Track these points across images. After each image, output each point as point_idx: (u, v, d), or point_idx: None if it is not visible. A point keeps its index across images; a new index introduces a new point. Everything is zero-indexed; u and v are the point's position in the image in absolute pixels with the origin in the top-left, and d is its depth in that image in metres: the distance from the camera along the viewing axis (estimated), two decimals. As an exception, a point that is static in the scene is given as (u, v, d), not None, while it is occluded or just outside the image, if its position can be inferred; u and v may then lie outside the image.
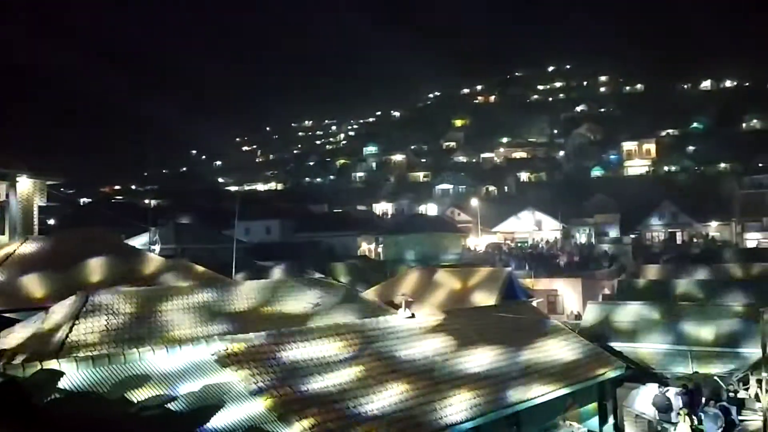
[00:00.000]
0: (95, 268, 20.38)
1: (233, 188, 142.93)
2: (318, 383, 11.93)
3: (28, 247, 20.63)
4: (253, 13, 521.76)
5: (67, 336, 13.12)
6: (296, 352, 12.72)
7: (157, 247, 36.63)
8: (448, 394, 13.54)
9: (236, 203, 42.35)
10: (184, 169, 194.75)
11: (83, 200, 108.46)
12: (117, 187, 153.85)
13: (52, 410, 8.88)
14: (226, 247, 43.65)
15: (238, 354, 11.75)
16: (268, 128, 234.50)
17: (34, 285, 18.82)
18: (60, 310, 14.60)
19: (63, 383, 9.44)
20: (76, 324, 13.54)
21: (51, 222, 58.43)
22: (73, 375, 9.62)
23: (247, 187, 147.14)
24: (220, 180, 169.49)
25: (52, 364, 9.60)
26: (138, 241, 39.84)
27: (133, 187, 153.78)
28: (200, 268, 22.60)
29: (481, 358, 15.78)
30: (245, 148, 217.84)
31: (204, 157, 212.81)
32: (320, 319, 16.73)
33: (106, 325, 14.01)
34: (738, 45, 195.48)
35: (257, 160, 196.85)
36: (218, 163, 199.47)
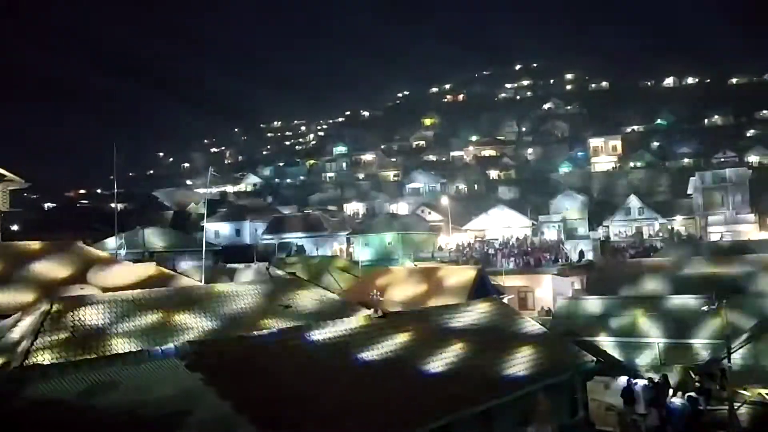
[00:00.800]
0: (61, 275, 19.98)
1: (201, 190, 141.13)
2: (288, 386, 11.85)
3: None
4: (221, 16, 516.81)
5: (32, 344, 12.84)
6: (266, 355, 12.62)
7: (123, 252, 36.03)
8: (419, 393, 13.57)
9: (204, 205, 41.81)
10: (151, 171, 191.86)
11: (48, 205, 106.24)
12: (82, 191, 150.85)
13: (18, 418, 8.68)
14: (195, 250, 43.20)
15: (207, 359, 11.62)
16: (236, 129, 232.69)
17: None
18: (25, 318, 14.28)
19: (29, 391, 9.23)
20: (41, 332, 13.25)
21: (14, 228, 57.07)
22: (39, 383, 9.41)
23: (215, 189, 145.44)
24: (188, 182, 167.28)
25: (16, 373, 9.39)
26: (105, 246, 39.17)
27: (99, 191, 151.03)
28: (168, 272, 22.32)
29: (451, 356, 15.85)
30: (213, 149, 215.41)
31: (171, 159, 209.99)
32: (291, 321, 16.64)
33: (72, 333, 13.74)
34: (699, 42, 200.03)
35: (226, 162, 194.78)
36: (186, 165, 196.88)
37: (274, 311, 17.49)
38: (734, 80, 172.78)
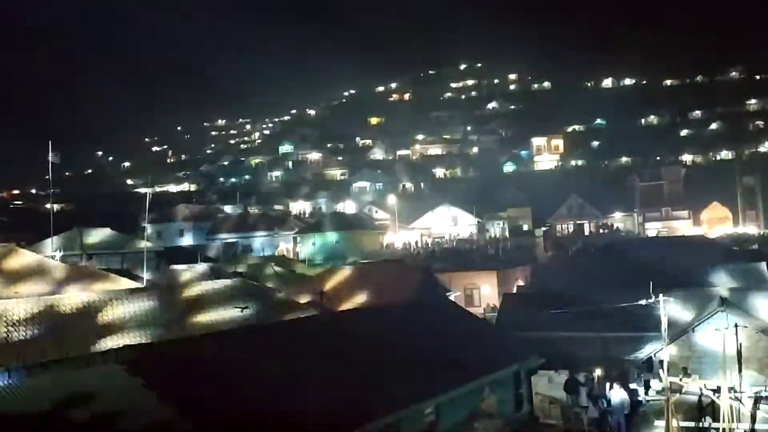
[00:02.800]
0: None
1: (143, 190, 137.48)
2: (231, 388, 11.64)
3: None
4: (162, 12, 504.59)
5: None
6: (208, 357, 12.35)
7: (58, 254, 34.70)
8: (366, 391, 13.55)
9: (146, 206, 40.67)
10: (90, 171, 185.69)
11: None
12: (15, 192, 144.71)
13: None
14: (137, 252, 42.03)
15: (148, 362, 11.30)
16: (179, 128, 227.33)
17: None
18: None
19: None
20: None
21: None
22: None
23: (158, 189, 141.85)
24: (129, 182, 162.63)
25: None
26: (41, 248, 37.65)
27: (33, 191, 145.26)
28: (108, 275, 21.65)
29: (397, 353, 15.89)
30: (155, 148, 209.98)
31: (111, 158, 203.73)
32: (237, 321, 16.37)
33: (6, 338, 13.16)
34: (636, 45, 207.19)
35: (168, 161, 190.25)
36: (126, 164, 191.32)
37: (222, 313, 17.18)
38: (668, 82, 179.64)
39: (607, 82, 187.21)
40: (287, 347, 14.09)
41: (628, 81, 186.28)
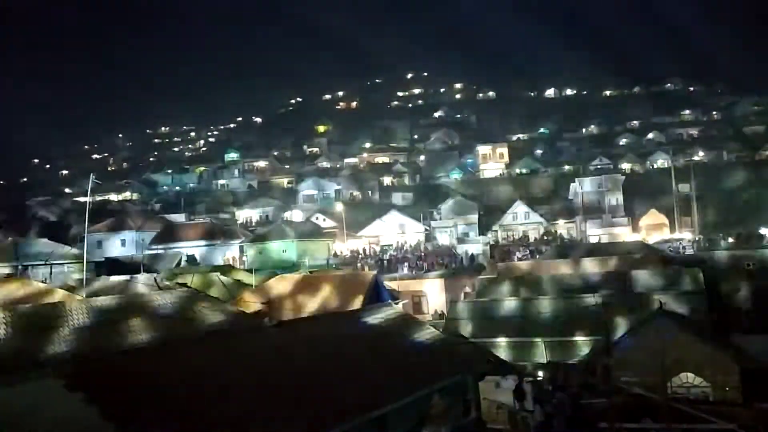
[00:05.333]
0: None
1: (82, 199, 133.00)
2: (178, 402, 11.33)
3: None
4: (102, 15, 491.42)
5: None
6: (153, 370, 11.96)
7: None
8: (311, 402, 13.40)
9: (86, 215, 39.40)
10: (25, 179, 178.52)
11: None
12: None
13: None
14: (75, 262, 40.60)
15: (89, 376, 10.87)
16: (120, 135, 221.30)
17: None
18: None
19: None
20: None
21: None
22: None
23: (97, 198, 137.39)
24: (67, 190, 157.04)
25: None
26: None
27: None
28: (43, 286, 20.81)
29: (345, 362, 15.80)
30: (95, 155, 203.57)
31: (48, 165, 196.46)
32: (183, 331, 15.96)
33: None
34: (577, 56, 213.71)
35: (109, 169, 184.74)
36: (64, 172, 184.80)
37: (165, 322, 16.73)
38: (607, 92, 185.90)
39: (550, 92, 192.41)
40: (234, 358, 13.82)
41: (569, 91, 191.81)
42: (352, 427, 13.43)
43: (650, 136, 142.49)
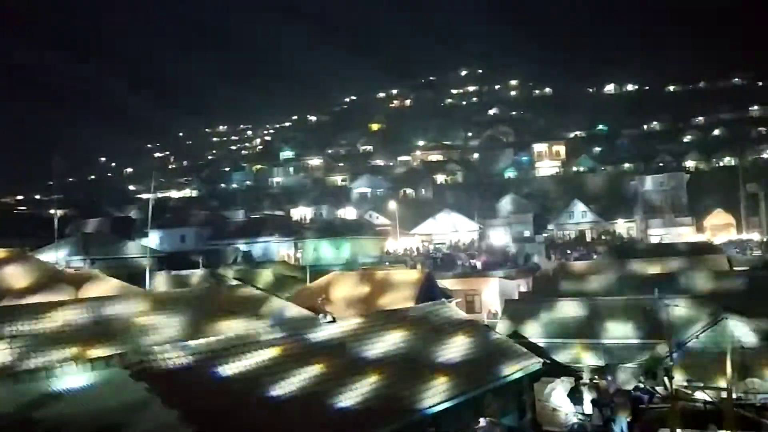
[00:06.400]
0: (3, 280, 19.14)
1: (145, 196, 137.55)
2: (236, 395, 11.61)
3: None
4: (163, 17, 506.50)
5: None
6: (214, 364, 12.29)
7: (64, 259, 34.74)
8: (367, 399, 13.49)
9: (149, 211, 40.73)
10: (92, 176, 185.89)
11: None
12: (19, 197, 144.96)
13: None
14: (139, 256, 42.03)
15: (152, 368, 11.27)
16: (180, 134, 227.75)
17: None
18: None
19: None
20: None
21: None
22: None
23: (159, 195, 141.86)
24: (131, 187, 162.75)
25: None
26: (44, 253, 37.66)
27: (38, 196, 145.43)
28: (112, 279, 21.64)
29: (398, 360, 15.83)
30: (157, 154, 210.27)
31: (114, 164, 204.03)
32: (239, 328, 16.31)
33: (9, 342, 13.14)
34: (639, 51, 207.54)
35: (170, 167, 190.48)
36: (129, 170, 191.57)
37: (224, 318, 17.15)
38: (671, 88, 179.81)
39: (610, 88, 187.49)
40: (289, 353, 14.05)
41: (630, 87, 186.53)
42: (405, 425, 13.47)
43: (716, 132, 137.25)
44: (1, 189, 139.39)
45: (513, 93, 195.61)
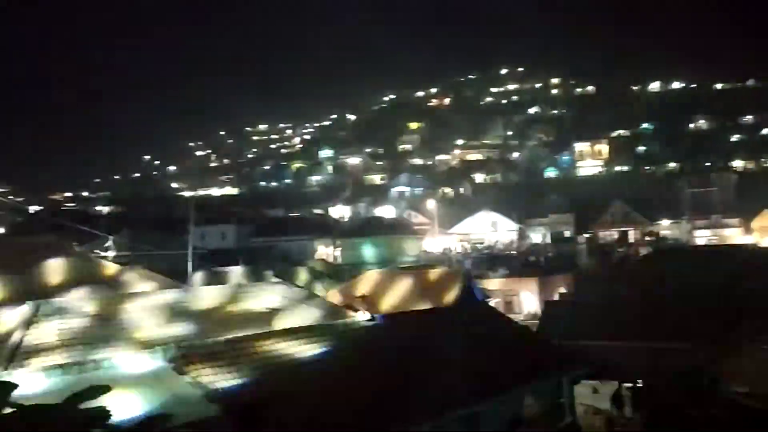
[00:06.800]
0: (49, 274, 19.72)
1: (187, 193, 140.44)
2: (277, 388, 11.74)
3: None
4: (204, 18, 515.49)
5: (19, 344, 12.66)
6: (255, 358, 12.48)
7: (110, 254, 35.62)
8: (405, 397, 13.50)
9: (190, 209, 41.47)
10: (137, 174, 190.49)
11: (33, 208, 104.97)
12: (67, 195, 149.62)
13: (5, 422, 8.49)
14: (182, 253, 42.82)
15: (196, 361, 11.49)
16: (222, 132, 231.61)
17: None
18: (11, 317, 14.06)
19: (16, 394, 9.06)
20: (29, 331, 13.06)
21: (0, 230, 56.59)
22: (26, 385, 9.26)
23: (201, 192, 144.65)
24: (174, 185, 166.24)
25: (3, 375, 9.25)
26: (90, 249, 38.73)
27: (85, 193, 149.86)
28: (155, 275, 22.09)
29: (436, 359, 15.76)
30: (199, 152, 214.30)
31: (157, 162, 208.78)
32: (280, 324, 16.48)
33: (59, 333, 13.53)
34: (685, 48, 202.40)
35: (211, 165, 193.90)
36: (172, 168, 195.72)
37: (263, 314, 17.35)
38: (719, 85, 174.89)
39: (655, 86, 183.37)
40: (329, 351, 14.16)
41: (676, 84, 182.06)
42: (443, 423, 13.43)
43: (765, 131, 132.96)
44: (51, 186, 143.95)
45: (554, 91, 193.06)
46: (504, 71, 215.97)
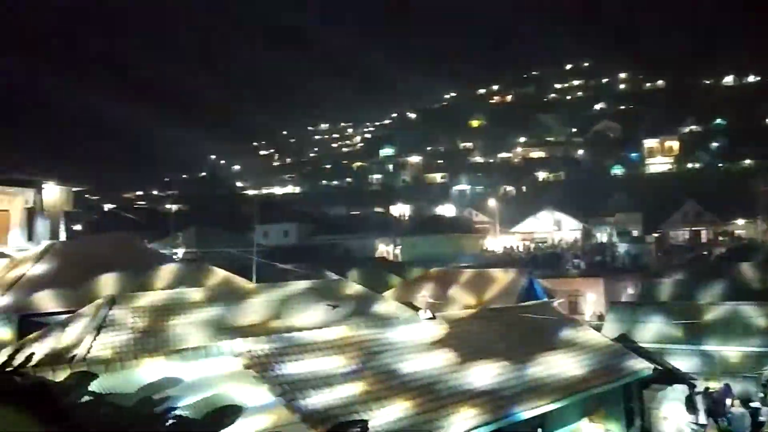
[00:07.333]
0: (121, 272, 20.53)
1: (251, 192, 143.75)
2: (342, 385, 11.84)
3: (54, 252, 20.84)
4: (267, 18, 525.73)
5: (93, 340, 13.23)
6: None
7: (179, 252, 36.88)
8: (468, 395, 13.40)
9: (255, 207, 42.43)
10: (204, 174, 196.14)
11: (107, 207, 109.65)
12: (139, 193, 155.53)
13: (82, 413, 8.90)
14: (246, 250, 43.84)
15: (261, 356, 11.72)
16: (284, 132, 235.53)
17: (59, 289, 18.98)
18: (84, 315, 14.70)
19: (91, 385, 9.47)
20: (103, 327, 13.63)
21: (76, 228, 59.16)
22: (100, 378, 9.66)
23: (264, 191, 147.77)
24: (239, 184, 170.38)
25: (80, 367, 9.66)
26: (160, 245, 40.17)
27: (155, 192, 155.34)
28: (221, 272, 22.70)
29: (502, 358, 15.57)
30: (262, 152, 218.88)
31: (223, 162, 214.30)
32: (336, 327, 16.63)
33: (130, 331, 14.07)
34: (760, 39, 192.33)
35: (274, 164, 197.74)
36: (236, 167, 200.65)
37: (324, 310, 17.57)
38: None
39: (728, 80, 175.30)
40: (392, 349, 14.19)
41: (751, 78, 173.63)
42: (509, 425, 13.26)
43: None
44: (123, 186, 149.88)
45: (622, 86, 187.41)
46: (568, 66, 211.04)
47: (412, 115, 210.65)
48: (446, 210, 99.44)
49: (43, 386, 8.84)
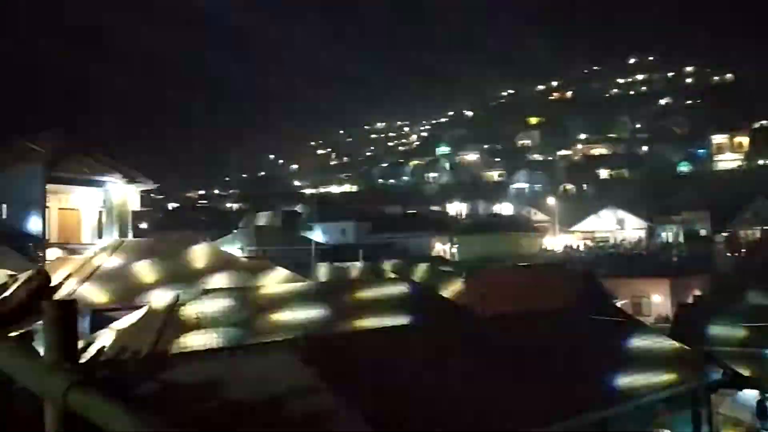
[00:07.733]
0: (191, 269, 21.14)
1: (309, 191, 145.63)
2: (403, 384, 11.86)
3: (124, 250, 21.64)
4: (324, 18, 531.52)
5: (160, 335, 13.64)
6: (381, 352, 12.53)
7: (238, 248, 37.76)
8: (531, 397, 13.18)
9: (313, 206, 43.01)
10: (263, 173, 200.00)
11: (171, 205, 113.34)
12: (201, 192, 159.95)
13: (146, 403, 9.20)
14: (304, 248, 44.52)
15: (322, 353, 11.85)
16: (341, 131, 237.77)
17: (133, 283, 19.69)
18: (156, 308, 15.19)
19: (156, 378, 9.79)
20: (168, 323, 14.04)
21: (143, 226, 61.27)
22: (164, 371, 9.97)
23: (322, 190, 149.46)
24: (297, 183, 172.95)
25: (145, 360, 10.00)
26: (221, 243, 41.20)
27: (216, 191, 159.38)
28: (281, 269, 23.05)
29: (563, 362, 15.27)
30: (320, 151, 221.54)
31: (281, 161, 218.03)
32: (403, 320, 16.65)
33: (196, 324, 14.43)
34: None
35: (331, 163, 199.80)
36: (294, 166, 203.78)
37: (384, 308, 17.60)
38: None
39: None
40: (448, 348, 14.12)
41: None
42: (569, 427, 13.00)
43: None
44: (187, 185, 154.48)
45: (688, 80, 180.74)
46: (632, 60, 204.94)
47: (469, 113, 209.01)
48: (504, 208, 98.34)
49: (119, 378, 9.20)
